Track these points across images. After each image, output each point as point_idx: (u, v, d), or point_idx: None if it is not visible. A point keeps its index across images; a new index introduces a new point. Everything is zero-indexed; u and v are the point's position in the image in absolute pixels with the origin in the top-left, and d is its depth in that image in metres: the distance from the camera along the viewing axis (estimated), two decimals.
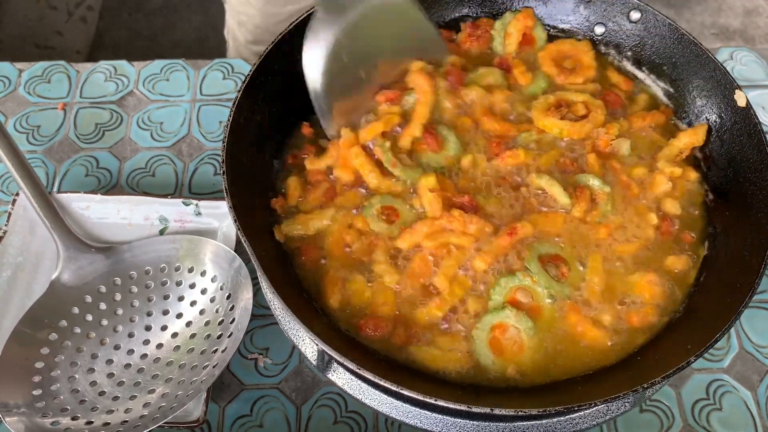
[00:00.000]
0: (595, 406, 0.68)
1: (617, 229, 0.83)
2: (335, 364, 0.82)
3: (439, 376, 0.76)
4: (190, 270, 0.94)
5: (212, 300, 0.92)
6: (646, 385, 0.67)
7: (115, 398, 0.84)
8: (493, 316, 0.77)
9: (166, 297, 0.93)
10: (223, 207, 1.00)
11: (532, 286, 0.78)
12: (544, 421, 0.80)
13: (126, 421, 0.81)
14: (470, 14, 1.01)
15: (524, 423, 0.80)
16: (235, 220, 0.74)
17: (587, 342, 0.77)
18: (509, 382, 0.75)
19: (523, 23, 0.97)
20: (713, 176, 0.89)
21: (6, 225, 0.97)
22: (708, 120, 0.91)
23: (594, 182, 0.84)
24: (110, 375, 0.87)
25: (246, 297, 0.88)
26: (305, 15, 0.89)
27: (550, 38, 1.00)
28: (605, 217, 0.83)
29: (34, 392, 0.82)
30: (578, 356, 0.77)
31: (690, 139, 0.89)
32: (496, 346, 0.76)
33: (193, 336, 0.90)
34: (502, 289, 0.78)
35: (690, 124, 0.93)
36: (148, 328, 0.91)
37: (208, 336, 0.89)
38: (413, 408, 0.80)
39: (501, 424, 0.79)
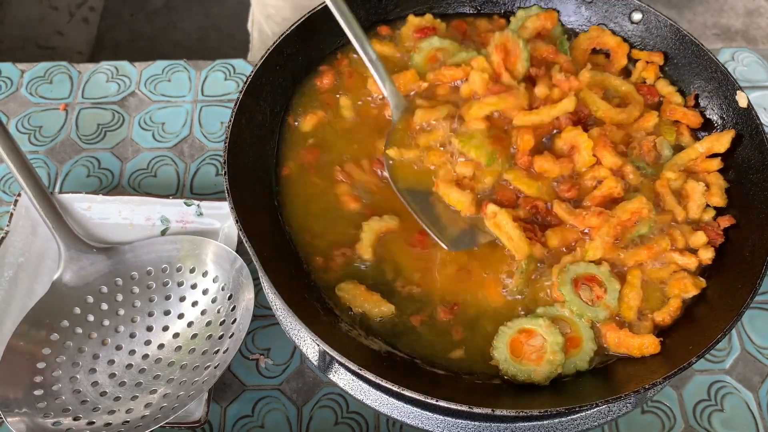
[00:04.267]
0: (596, 406, 0.68)
1: (658, 254, 0.81)
2: (336, 364, 0.82)
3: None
4: (192, 270, 0.94)
5: (214, 300, 0.92)
6: (647, 386, 0.67)
7: (117, 398, 0.84)
8: (526, 321, 0.77)
9: (167, 297, 0.93)
10: (224, 207, 1.00)
11: (571, 317, 0.77)
12: (545, 422, 0.80)
13: (127, 422, 0.81)
14: (471, 11, 1.01)
15: (525, 423, 0.79)
16: (237, 221, 0.74)
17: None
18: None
19: (542, 23, 0.95)
20: None
21: (8, 225, 0.97)
22: (710, 121, 0.90)
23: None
24: (112, 375, 0.87)
25: (247, 297, 0.88)
26: (305, 16, 0.90)
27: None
28: (642, 237, 0.82)
29: (36, 392, 0.82)
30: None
31: (711, 144, 0.87)
32: (517, 348, 0.76)
33: (194, 336, 0.90)
34: (536, 319, 0.76)
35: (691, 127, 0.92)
36: (149, 329, 0.91)
37: (210, 336, 0.89)
38: (414, 408, 0.80)
39: (502, 424, 0.79)
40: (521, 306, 0.79)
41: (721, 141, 0.86)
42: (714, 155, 0.87)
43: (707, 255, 0.81)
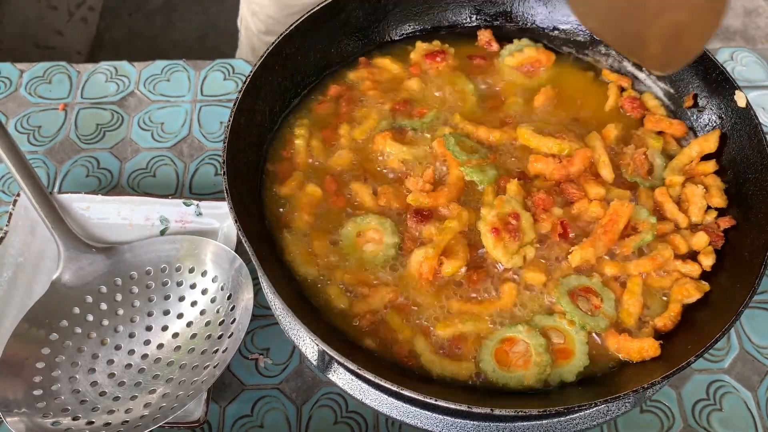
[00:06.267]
0: (595, 406, 0.68)
1: (662, 265, 0.81)
2: (336, 364, 0.82)
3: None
4: (191, 270, 0.94)
5: (213, 300, 0.92)
6: (646, 386, 0.67)
7: (116, 398, 0.84)
8: (505, 330, 0.77)
9: (166, 297, 0.93)
10: (223, 207, 1.00)
11: (567, 329, 0.77)
12: (544, 422, 0.80)
13: (127, 421, 0.81)
14: (469, 16, 1.02)
15: (524, 423, 0.80)
16: (236, 221, 0.74)
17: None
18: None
19: (536, 57, 0.97)
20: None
21: (7, 225, 0.97)
22: (708, 121, 0.91)
23: (642, 213, 0.82)
24: (111, 375, 0.87)
25: (247, 297, 0.88)
26: (304, 16, 0.90)
27: (550, 39, 1.00)
28: (643, 249, 0.82)
29: (35, 392, 0.82)
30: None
31: (701, 146, 0.88)
32: (502, 358, 0.76)
33: (193, 336, 0.90)
34: (533, 332, 0.76)
35: (690, 126, 0.93)
36: (148, 329, 0.91)
37: (209, 336, 0.89)
38: (414, 408, 0.80)
39: (501, 424, 0.79)
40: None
41: (709, 141, 0.87)
42: (708, 158, 0.88)
43: (708, 262, 0.81)
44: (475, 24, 1.02)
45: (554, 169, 0.85)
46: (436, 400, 0.66)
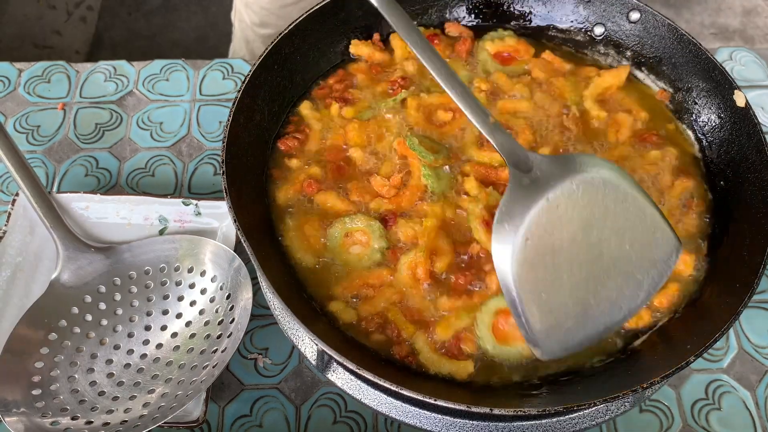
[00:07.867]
0: (594, 405, 0.68)
1: None
2: (335, 364, 0.82)
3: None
4: (190, 270, 0.94)
5: (212, 300, 0.92)
6: (645, 385, 0.67)
7: (115, 398, 0.84)
8: (498, 300, 0.76)
9: (165, 297, 0.93)
10: (222, 207, 1.00)
11: None
12: (543, 421, 0.80)
13: (125, 421, 0.81)
14: (468, 14, 1.02)
15: (523, 423, 0.80)
16: (235, 220, 0.74)
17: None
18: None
19: (515, 47, 0.98)
20: (712, 177, 0.89)
21: (6, 225, 0.97)
22: (707, 120, 0.91)
23: None
24: (110, 375, 0.87)
25: (246, 297, 0.88)
26: (303, 15, 0.90)
27: (549, 38, 1.00)
28: None
29: (34, 392, 0.82)
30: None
31: (614, 80, 0.93)
32: (500, 333, 0.76)
33: (192, 336, 0.90)
34: None
35: (690, 125, 0.93)
36: (147, 328, 0.91)
37: (208, 336, 0.89)
38: (413, 408, 0.80)
39: (500, 423, 0.79)
40: None
41: (620, 75, 0.94)
42: (695, 165, 0.88)
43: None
44: (473, 23, 1.02)
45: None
46: (435, 400, 0.66)
